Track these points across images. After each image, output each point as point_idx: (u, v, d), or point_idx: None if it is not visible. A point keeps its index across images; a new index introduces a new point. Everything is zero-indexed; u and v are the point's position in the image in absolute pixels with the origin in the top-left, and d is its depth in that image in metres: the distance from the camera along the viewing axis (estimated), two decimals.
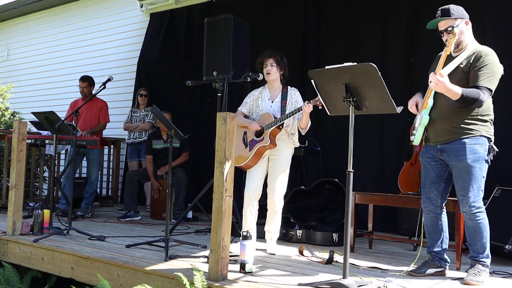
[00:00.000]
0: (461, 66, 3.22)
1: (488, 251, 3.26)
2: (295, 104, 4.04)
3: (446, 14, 3.23)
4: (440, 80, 3.04)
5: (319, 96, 3.31)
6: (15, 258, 4.30)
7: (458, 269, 3.56)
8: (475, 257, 3.27)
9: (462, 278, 3.22)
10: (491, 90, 3.15)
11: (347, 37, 5.89)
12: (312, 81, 3.19)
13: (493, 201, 4.14)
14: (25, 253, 4.22)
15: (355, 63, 2.98)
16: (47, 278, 4.24)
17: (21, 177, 4.57)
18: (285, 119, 3.92)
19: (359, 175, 5.46)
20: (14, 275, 4.14)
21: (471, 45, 3.28)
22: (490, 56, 3.17)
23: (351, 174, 3.01)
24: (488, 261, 3.27)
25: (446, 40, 3.22)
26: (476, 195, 3.18)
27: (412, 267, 3.46)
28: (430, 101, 3.25)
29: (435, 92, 3.23)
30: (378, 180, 5.55)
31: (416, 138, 3.36)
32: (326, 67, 3.08)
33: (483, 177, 3.21)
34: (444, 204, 3.41)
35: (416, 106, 3.38)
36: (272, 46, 4.51)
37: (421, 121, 3.28)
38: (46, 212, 4.62)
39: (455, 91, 3.06)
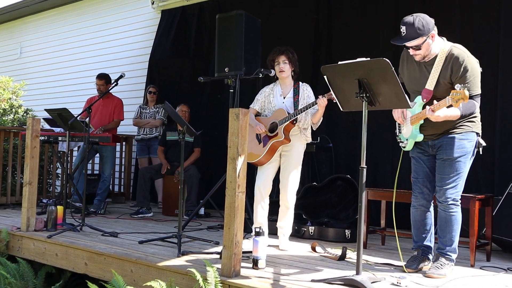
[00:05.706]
0: (441, 79, 3.19)
1: (455, 245, 3.27)
2: (307, 99, 4.04)
3: (412, 35, 3.10)
4: (438, 116, 3.09)
5: (331, 92, 3.29)
6: (29, 254, 4.35)
7: (472, 266, 3.54)
8: (442, 249, 3.30)
9: (477, 276, 3.18)
10: (480, 94, 3.19)
11: (359, 32, 5.85)
12: (325, 76, 3.17)
13: (508, 197, 4.10)
14: (39, 249, 4.26)
15: (368, 59, 2.94)
16: (61, 274, 4.28)
17: (35, 173, 4.61)
18: (299, 113, 3.92)
19: (371, 171, 5.42)
20: (28, 270, 4.20)
21: (439, 48, 3.21)
22: (467, 59, 3.14)
23: (364, 170, 2.99)
24: (454, 255, 3.28)
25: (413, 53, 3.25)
26: (456, 187, 3.21)
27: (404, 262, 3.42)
28: (422, 121, 3.29)
29: None
30: (390, 176, 5.51)
31: (409, 146, 3.44)
32: (339, 62, 3.06)
33: (466, 172, 3.24)
34: (432, 197, 3.43)
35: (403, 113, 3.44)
36: (284, 42, 4.49)
37: (416, 137, 3.33)
38: (60, 208, 4.67)
39: (454, 114, 3.11)
